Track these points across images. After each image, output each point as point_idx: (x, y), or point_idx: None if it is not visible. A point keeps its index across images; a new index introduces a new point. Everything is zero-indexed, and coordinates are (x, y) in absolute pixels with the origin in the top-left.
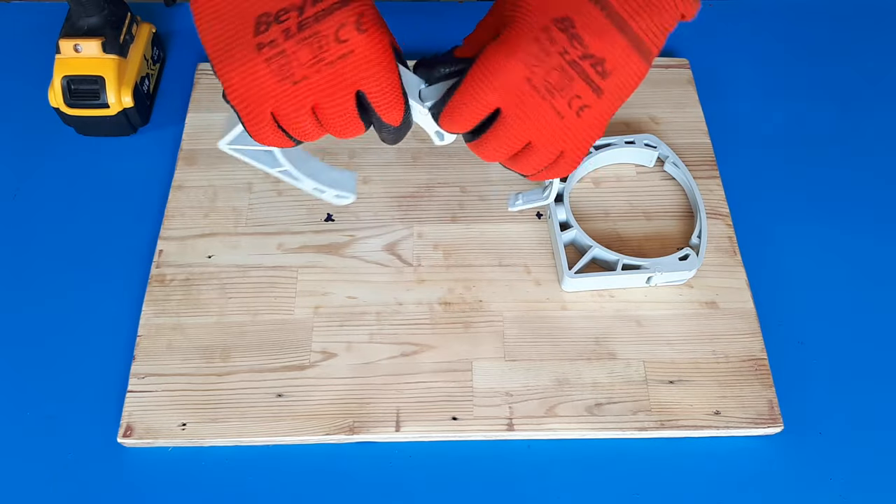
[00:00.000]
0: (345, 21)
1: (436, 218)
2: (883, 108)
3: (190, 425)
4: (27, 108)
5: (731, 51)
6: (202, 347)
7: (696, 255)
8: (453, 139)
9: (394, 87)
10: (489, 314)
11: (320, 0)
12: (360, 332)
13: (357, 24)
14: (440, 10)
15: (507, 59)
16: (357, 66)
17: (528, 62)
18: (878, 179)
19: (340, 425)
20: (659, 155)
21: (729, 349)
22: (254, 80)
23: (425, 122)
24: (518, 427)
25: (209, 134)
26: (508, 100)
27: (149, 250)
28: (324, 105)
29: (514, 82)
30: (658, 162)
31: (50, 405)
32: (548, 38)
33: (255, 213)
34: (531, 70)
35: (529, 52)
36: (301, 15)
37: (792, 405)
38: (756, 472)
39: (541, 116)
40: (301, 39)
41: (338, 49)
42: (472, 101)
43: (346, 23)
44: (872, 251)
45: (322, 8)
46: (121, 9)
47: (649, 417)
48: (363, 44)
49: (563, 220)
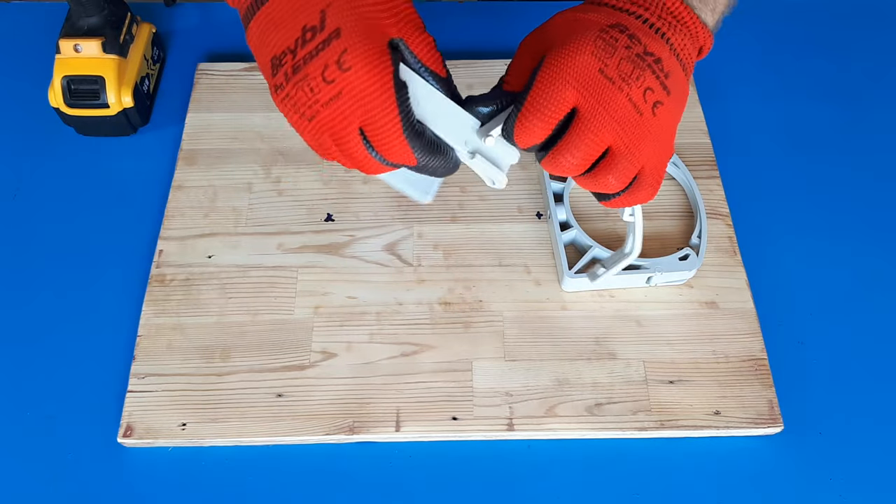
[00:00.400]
0: (328, 62)
1: (436, 218)
2: (883, 108)
3: (190, 425)
4: (27, 108)
5: (731, 51)
6: (202, 347)
7: (696, 255)
8: (505, 183)
9: (387, 125)
10: (489, 314)
11: (309, 41)
12: (360, 332)
13: (338, 63)
14: (440, 10)
15: (578, 53)
16: (350, 105)
17: (599, 54)
18: (878, 179)
19: (340, 425)
20: None
21: (729, 349)
22: (286, 115)
23: (476, 165)
24: (518, 427)
25: (209, 134)
26: (585, 93)
27: (149, 250)
28: (337, 141)
29: (588, 74)
30: None
31: (50, 405)
32: (610, 36)
33: (255, 213)
34: (603, 61)
35: (597, 45)
36: (294, 58)
37: (792, 405)
38: (756, 472)
39: (619, 109)
40: (296, 83)
41: (329, 90)
42: (548, 101)
43: (328, 63)
44: (872, 251)
45: (310, 50)
46: (121, 9)
47: (649, 417)
48: (350, 83)
49: (563, 220)
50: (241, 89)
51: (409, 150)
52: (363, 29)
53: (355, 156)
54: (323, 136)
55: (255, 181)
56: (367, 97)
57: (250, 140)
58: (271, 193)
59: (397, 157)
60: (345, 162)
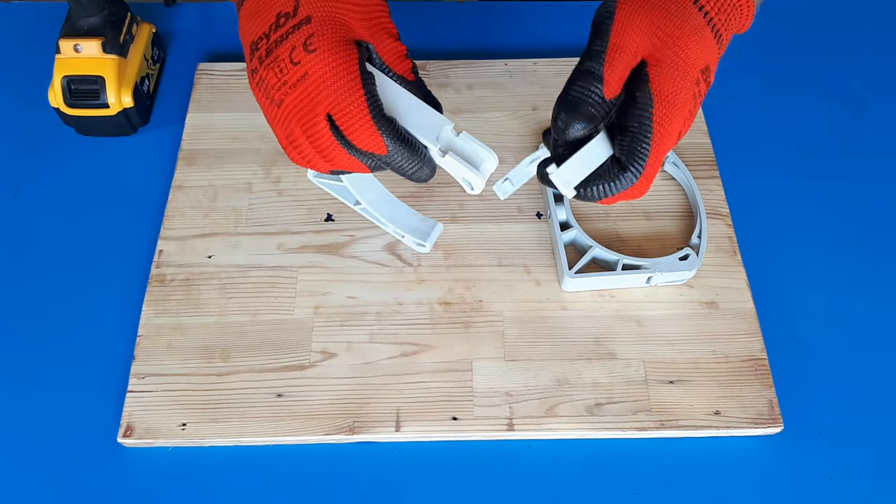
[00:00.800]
0: (295, 43)
1: (436, 218)
2: (883, 108)
3: (190, 425)
4: (27, 108)
5: (731, 51)
6: (202, 347)
7: (696, 255)
8: (482, 186)
9: (353, 104)
10: (489, 314)
11: (281, 26)
12: (360, 332)
13: (305, 45)
14: (440, 10)
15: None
16: (315, 87)
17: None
18: (878, 179)
19: (340, 425)
20: None
21: (729, 349)
22: (259, 102)
23: (448, 165)
24: (518, 427)
25: (209, 134)
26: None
27: (149, 250)
28: (303, 127)
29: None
30: None
31: (50, 405)
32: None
33: (255, 213)
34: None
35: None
36: (268, 41)
37: (792, 405)
38: (756, 472)
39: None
40: (268, 65)
41: (295, 71)
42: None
43: (296, 45)
44: (872, 251)
45: (281, 33)
46: (121, 9)
47: (649, 417)
48: (315, 64)
49: (563, 220)
50: (241, 89)
51: (378, 134)
52: (332, 20)
53: (322, 143)
54: (291, 122)
55: (255, 181)
56: (332, 79)
57: (250, 140)
58: (271, 193)
59: (366, 141)
60: (312, 157)
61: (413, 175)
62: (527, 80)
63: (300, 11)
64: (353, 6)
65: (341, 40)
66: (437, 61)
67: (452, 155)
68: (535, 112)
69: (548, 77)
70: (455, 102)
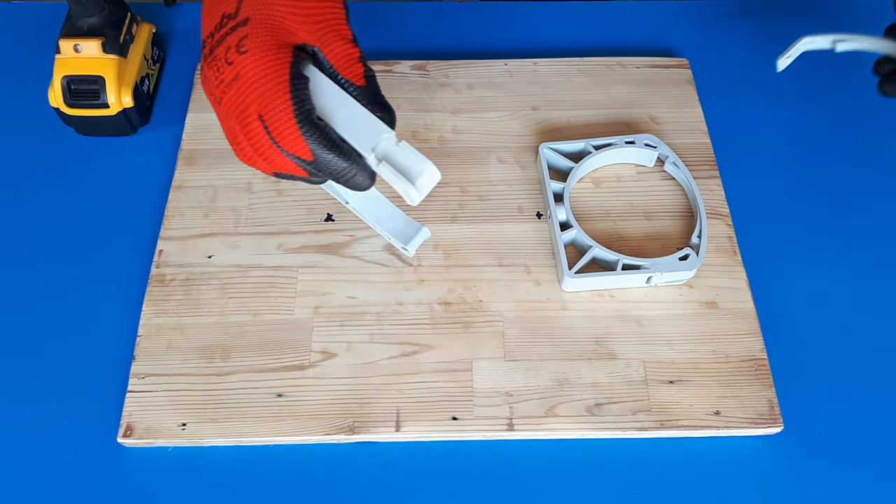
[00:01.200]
0: (231, 44)
1: (436, 218)
2: (884, 108)
3: (190, 425)
4: (27, 108)
5: (731, 51)
6: (202, 347)
7: (696, 255)
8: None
9: (277, 108)
10: (489, 314)
11: (224, 26)
12: (360, 332)
13: (238, 46)
14: (440, 10)
15: None
16: (247, 88)
17: None
18: (878, 179)
19: (340, 425)
20: (659, 155)
21: (729, 349)
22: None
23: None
24: (518, 427)
25: (209, 134)
26: None
27: (149, 250)
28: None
29: None
30: (658, 162)
31: (50, 405)
32: None
33: (255, 213)
34: None
35: None
36: (213, 40)
37: (792, 405)
38: (756, 472)
39: None
40: (209, 63)
41: (230, 71)
42: None
43: (231, 46)
44: (872, 251)
45: (223, 33)
46: (121, 9)
47: (649, 417)
48: (246, 66)
49: (563, 220)
50: None
51: (303, 140)
52: (269, 23)
53: (258, 143)
54: (230, 119)
55: (255, 181)
56: (260, 80)
57: None
58: (271, 193)
59: (291, 145)
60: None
61: (348, 182)
62: (527, 80)
63: (241, 13)
64: (296, 10)
65: (274, 43)
66: (437, 61)
67: (386, 165)
68: (535, 112)
69: (548, 77)
70: (455, 102)
